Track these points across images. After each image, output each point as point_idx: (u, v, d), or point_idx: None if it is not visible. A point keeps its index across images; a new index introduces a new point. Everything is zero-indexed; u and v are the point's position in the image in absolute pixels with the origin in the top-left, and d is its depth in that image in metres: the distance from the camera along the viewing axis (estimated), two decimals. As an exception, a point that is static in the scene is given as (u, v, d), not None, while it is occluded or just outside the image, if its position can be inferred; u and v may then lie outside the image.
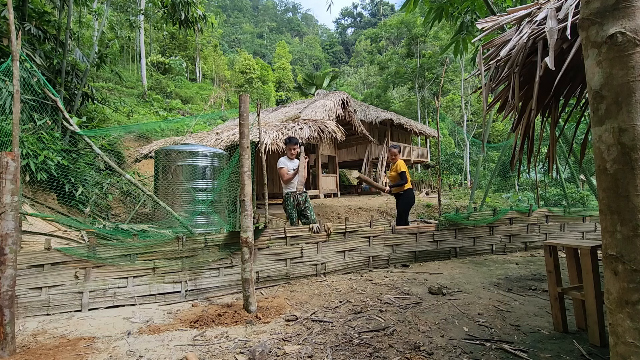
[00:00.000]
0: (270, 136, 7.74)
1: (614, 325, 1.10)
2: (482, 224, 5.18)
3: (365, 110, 17.35)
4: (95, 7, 8.86)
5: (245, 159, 3.12)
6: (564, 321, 2.49)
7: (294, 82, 37.59)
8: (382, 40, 31.98)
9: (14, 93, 2.66)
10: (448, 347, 2.27)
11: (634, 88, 1.05)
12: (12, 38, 2.73)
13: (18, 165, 2.39)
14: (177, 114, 20.18)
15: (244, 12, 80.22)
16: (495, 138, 24.88)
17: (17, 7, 6.62)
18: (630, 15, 1.07)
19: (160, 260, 3.40)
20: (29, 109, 5.68)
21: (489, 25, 2.41)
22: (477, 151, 13.78)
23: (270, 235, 3.92)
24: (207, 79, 32.30)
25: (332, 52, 75.77)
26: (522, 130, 2.61)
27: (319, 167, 12.60)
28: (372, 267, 4.49)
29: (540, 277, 3.98)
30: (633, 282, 1.04)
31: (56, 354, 2.25)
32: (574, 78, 2.53)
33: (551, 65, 1.71)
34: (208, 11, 28.03)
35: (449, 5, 4.65)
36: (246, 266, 3.03)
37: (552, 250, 2.59)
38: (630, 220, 1.06)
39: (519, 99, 2.28)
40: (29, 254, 3.05)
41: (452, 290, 3.52)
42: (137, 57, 25.77)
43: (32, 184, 5.76)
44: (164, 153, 6.03)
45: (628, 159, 1.06)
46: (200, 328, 2.68)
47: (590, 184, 6.07)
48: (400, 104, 31.29)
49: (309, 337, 2.44)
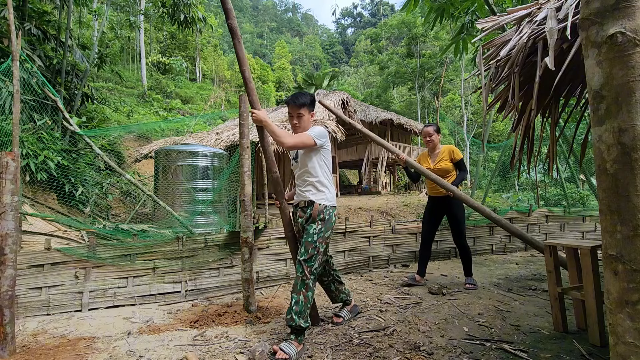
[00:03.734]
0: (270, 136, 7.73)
1: (614, 325, 1.10)
2: (482, 224, 5.18)
3: (365, 110, 17.34)
4: (95, 7, 8.85)
5: (245, 159, 3.12)
6: (564, 321, 2.49)
7: (293, 82, 37.59)
8: (382, 40, 31.97)
9: (14, 93, 2.66)
10: (448, 347, 2.27)
11: (634, 88, 1.05)
12: (12, 38, 2.73)
13: (18, 165, 2.39)
14: (177, 114, 20.19)
15: (244, 12, 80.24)
16: (495, 138, 24.88)
17: (17, 7, 6.61)
18: (630, 15, 1.07)
19: (160, 260, 3.40)
20: (29, 109, 5.68)
21: (489, 25, 2.41)
22: (477, 151, 13.79)
23: (270, 235, 3.92)
24: (207, 79, 32.31)
25: (332, 52, 75.79)
26: (522, 130, 2.61)
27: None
28: (372, 267, 4.49)
29: (540, 277, 3.98)
30: (633, 282, 1.04)
31: (56, 354, 2.25)
32: (574, 78, 2.53)
33: (551, 65, 1.71)
34: (208, 11, 28.02)
35: (450, 5, 4.65)
36: (246, 266, 3.03)
37: (552, 250, 2.59)
38: (630, 220, 1.06)
39: (519, 99, 2.28)
40: (29, 254, 3.05)
41: (452, 290, 3.51)
42: (137, 57, 25.77)
43: (32, 184, 5.76)
44: (164, 153, 6.03)
45: (628, 159, 1.06)
46: (200, 328, 2.68)
47: (590, 184, 6.07)
48: (400, 104, 31.29)
49: (309, 337, 2.44)
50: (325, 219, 2.37)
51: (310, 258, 2.29)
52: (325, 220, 2.37)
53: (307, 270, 2.27)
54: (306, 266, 2.28)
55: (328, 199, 2.42)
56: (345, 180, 20.23)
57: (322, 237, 2.34)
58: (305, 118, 2.48)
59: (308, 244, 2.31)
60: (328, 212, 2.39)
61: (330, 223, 2.41)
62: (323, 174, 2.45)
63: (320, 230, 2.34)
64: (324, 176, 2.45)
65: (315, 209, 2.36)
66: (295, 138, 2.33)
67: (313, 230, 2.33)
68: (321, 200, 2.39)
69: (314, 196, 2.40)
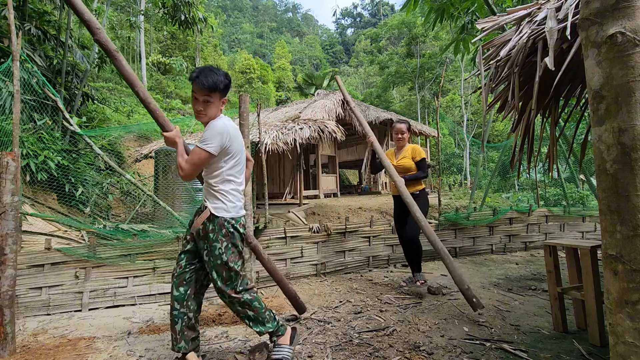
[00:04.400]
0: (270, 136, 7.74)
1: (613, 325, 1.10)
2: (482, 224, 5.18)
3: (365, 110, 17.31)
4: (95, 6, 8.85)
5: (245, 159, 3.11)
6: (564, 321, 2.49)
7: (293, 82, 37.59)
8: (382, 40, 31.97)
9: (14, 93, 2.66)
10: (448, 346, 2.27)
11: (634, 88, 1.06)
12: (12, 38, 2.73)
13: (18, 165, 2.39)
14: (177, 114, 20.19)
15: (244, 12, 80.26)
16: (495, 138, 24.87)
17: (17, 7, 6.61)
18: (630, 15, 1.07)
19: (160, 260, 3.40)
20: (29, 109, 5.68)
21: (489, 25, 2.41)
22: (477, 151, 13.79)
23: (270, 235, 3.92)
24: (207, 79, 32.23)
25: (332, 52, 75.76)
26: (522, 130, 2.61)
27: (319, 167, 12.61)
28: (372, 267, 4.49)
29: (540, 277, 3.98)
30: (633, 282, 1.05)
31: (56, 354, 2.25)
32: (574, 78, 2.53)
33: (551, 65, 1.71)
34: (208, 11, 28.05)
35: (450, 5, 4.65)
36: (246, 266, 3.03)
37: (551, 250, 2.59)
38: (630, 220, 1.06)
39: (519, 99, 2.28)
40: (29, 254, 3.05)
41: (452, 290, 3.51)
42: (137, 57, 25.76)
43: (32, 184, 5.76)
44: (164, 153, 6.03)
45: (628, 159, 1.06)
46: (200, 328, 2.68)
47: (590, 184, 6.07)
48: (400, 104, 31.27)
49: (309, 337, 2.44)
50: (228, 234, 1.97)
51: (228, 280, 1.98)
52: (229, 235, 1.97)
53: (232, 294, 1.98)
54: (229, 290, 1.98)
55: (228, 209, 1.98)
56: (345, 180, 20.24)
57: (232, 255, 1.98)
58: (214, 105, 1.97)
59: (219, 267, 1.95)
60: (231, 224, 1.98)
61: (235, 238, 1.99)
62: (226, 180, 2.00)
63: (228, 247, 1.96)
64: (227, 183, 2.00)
65: (216, 222, 1.95)
66: (189, 164, 1.90)
67: (219, 250, 1.94)
68: (220, 212, 1.96)
69: (212, 206, 1.97)
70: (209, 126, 1.95)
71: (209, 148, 1.89)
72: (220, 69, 2.00)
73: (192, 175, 1.94)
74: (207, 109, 1.96)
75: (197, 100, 1.96)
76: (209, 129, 1.93)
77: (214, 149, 1.90)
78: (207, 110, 1.96)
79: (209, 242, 1.96)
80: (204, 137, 1.91)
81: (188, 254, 2.07)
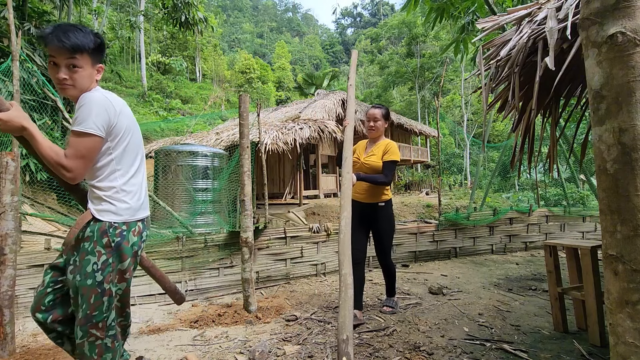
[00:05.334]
0: (270, 136, 7.74)
1: (614, 325, 1.09)
2: (482, 224, 5.18)
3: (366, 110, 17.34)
4: (95, 6, 8.86)
5: (245, 159, 3.11)
6: (564, 321, 2.49)
7: (293, 82, 37.61)
8: (382, 40, 32.00)
9: (13, 93, 2.66)
10: (448, 347, 2.27)
11: (634, 88, 1.05)
12: (12, 38, 2.73)
13: (18, 165, 2.39)
14: (177, 114, 20.21)
15: (244, 12, 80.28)
16: (496, 138, 24.88)
17: (17, 7, 6.62)
18: (630, 15, 1.07)
19: (160, 260, 3.40)
20: (28, 109, 5.68)
21: (489, 25, 2.41)
22: (477, 151, 13.79)
23: (270, 235, 3.92)
24: (207, 79, 32.33)
25: (332, 52, 75.78)
26: (522, 130, 2.61)
27: (319, 167, 12.61)
28: (372, 267, 4.49)
29: (540, 277, 3.98)
30: (633, 282, 1.04)
31: (56, 354, 2.24)
32: (574, 78, 2.53)
33: (551, 65, 1.71)
34: (208, 11, 28.04)
35: (450, 5, 4.66)
36: (246, 266, 3.03)
37: (552, 250, 2.59)
38: (631, 220, 1.05)
39: (519, 99, 2.28)
40: (29, 254, 3.05)
41: (452, 290, 3.51)
42: (137, 57, 25.79)
43: (32, 184, 5.76)
44: (164, 153, 6.04)
45: (628, 159, 1.06)
46: (200, 328, 2.68)
47: (590, 184, 6.07)
48: (400, 104, 31.29)
49: (309, 337, 2.44)
50: (112, 244, 1.44)
51: (96, 311, 1.42)
52: (113, 245, 1.44)
53: (95, 330, 1.43)
54: (93, 324, 1.42)
55: (118, 211, 1.47)
56: (345, 180, 20.32)
57: (112, 274, 1.45)
58: (85, 72, 1.42)
59: (88, 289, 1.40)
60: (118, 232, 1.46)
61: (121, 251, 1.46)
62: (116, 170, 1.48)
63: (107, 262, 1.43)
64: (117, 175, 1.49)
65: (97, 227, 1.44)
66: (75, 158, 1.34)
67: (93, 267, 1.41)
68: (106, 215, 1.46)
69: (96, 208, 1.47)
70: (82, 100, 1.39)
71: (90, 129, 1.35)
72: (87, 29, 1.45)
73: (83, 173, 1.39)
74: (74, 77, 1.39)
75: (58, 66, 1.38)
76: (84, 103, 1.37)
77: (98, 129, 1.36)
78: (74, 79, 1.39)
79: (80, 254, 1.43)
80: (79, 116, 1.36)
81: (56, 270, 1.54)
